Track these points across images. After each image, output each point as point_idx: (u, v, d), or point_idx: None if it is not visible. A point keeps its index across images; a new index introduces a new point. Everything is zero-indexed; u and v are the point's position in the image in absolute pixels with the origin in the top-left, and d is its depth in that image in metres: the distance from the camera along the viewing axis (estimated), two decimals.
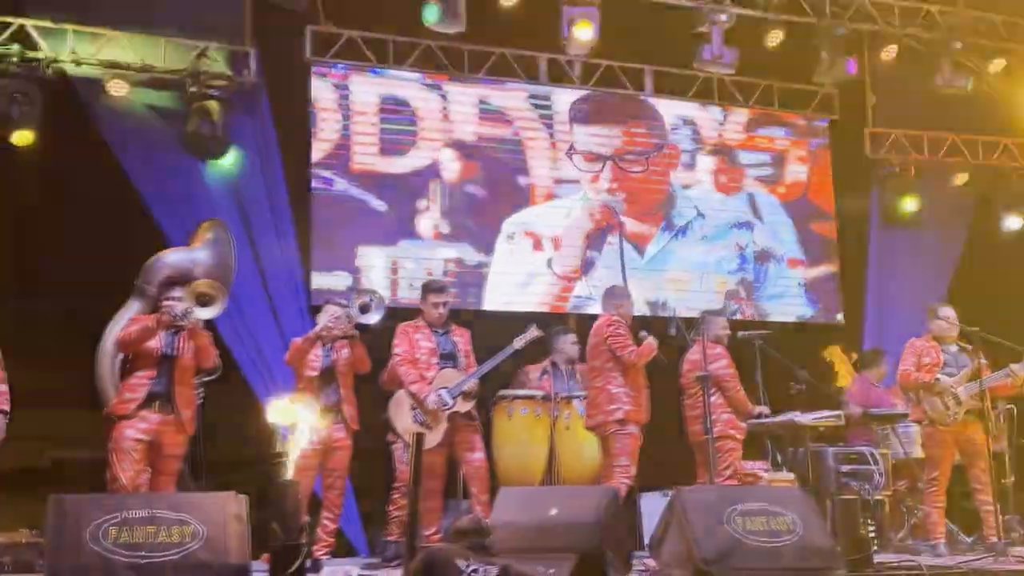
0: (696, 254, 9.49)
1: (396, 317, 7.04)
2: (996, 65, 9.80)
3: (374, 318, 6.52)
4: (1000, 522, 6.69)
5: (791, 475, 6.91)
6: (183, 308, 5.90)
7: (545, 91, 9.32)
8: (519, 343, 6.80)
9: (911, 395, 7.18)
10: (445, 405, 6.46)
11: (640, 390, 6.78)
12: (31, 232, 7.55)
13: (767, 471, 6.99)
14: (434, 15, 8.23)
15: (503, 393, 7.34)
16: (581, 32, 8.62)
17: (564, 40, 8.78)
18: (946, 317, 7.06)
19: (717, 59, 9.03)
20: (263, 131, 8.30)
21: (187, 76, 8.02)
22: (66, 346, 7.32)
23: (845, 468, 7.08)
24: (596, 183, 9.34)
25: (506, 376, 7.60)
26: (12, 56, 7.53)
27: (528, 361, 7.77)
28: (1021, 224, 10.15)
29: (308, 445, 6.14)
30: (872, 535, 5.58)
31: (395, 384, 6.89)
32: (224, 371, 6.56)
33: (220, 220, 7.51)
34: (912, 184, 9.99)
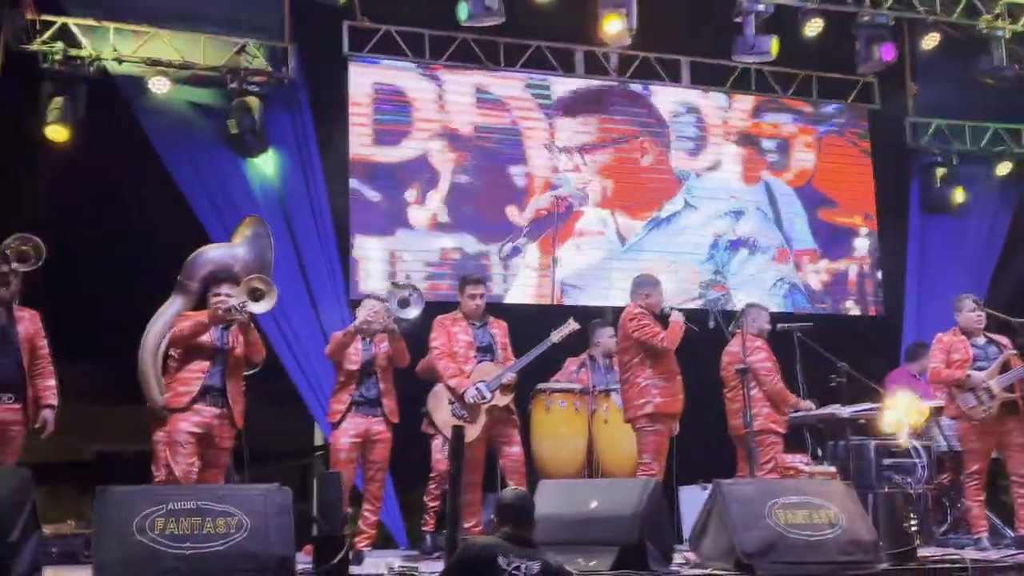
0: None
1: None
2: None
3: (413, 312, 6.54)
4: None
5: (832, 468, 6.85)
6: (239, 302, 5.94)
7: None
8: (556, 336, 6.79)
9: (944, 391, 7.10)
10: (484, 399, 6.48)
11: (672, 378, 6.62)
12: (73, 229, 7.65)
13: (808, 464, 6.93)
14: (464, 13, 8.25)
15: (541, 386, 7.34)
16: (610, 25, 8.58)
17: (602, 34, 8.77)
18: (971, 308, 6.97)
19: (753, 49, 8.95)
20: (302, 126, 8.37)
21: (227, 72, 8.10)
22: (108, 341, 7.41)
23: (887, 461, 7.01)
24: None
25: (544, 369, 7.60)
26: (55, 54, 7.64)
27: (567, 354, 7.78)
28: None
29: (348, 439, 6.23)
30: (915, 529, 5.51)
31: (431, 374, 6.93)
32: (265, 365, 6.61)
33: (259, 217, 7.57)
34: (954, 174, 9.88)
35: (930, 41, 9.63)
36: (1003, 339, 6.97)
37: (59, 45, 7.68)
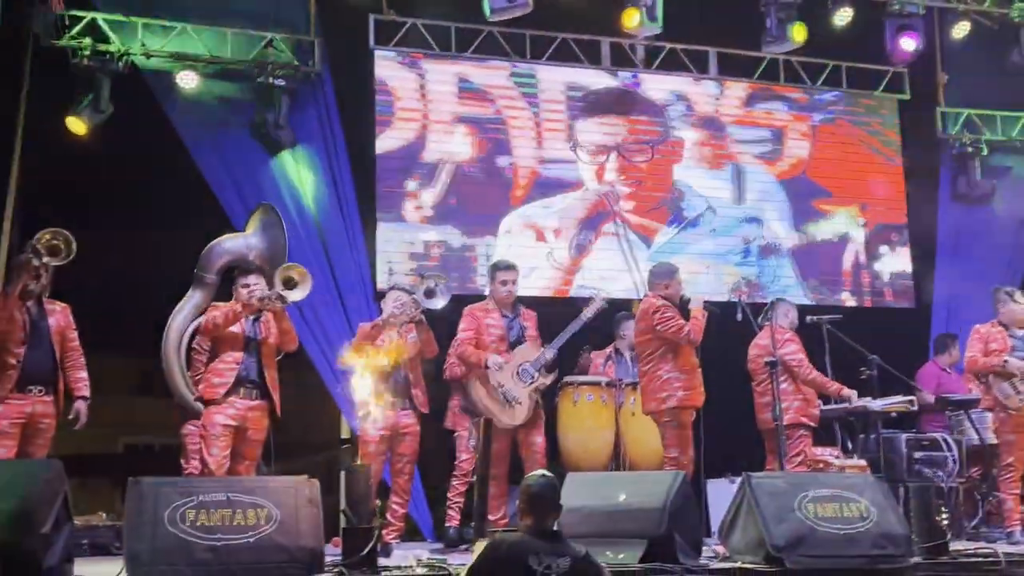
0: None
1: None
2: None
3: (440, 303, 6.54)
4: None
5: (862, 461, 6.79)
6: (276, 293, 5.95)
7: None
8: (589, 313, 6.75)
9: (981, 381, 7.03)
10: (531, 379, 6.43)
11: (693, 371, 6.52)
12: (103, 223, 7.70)
13: (838, 457, 6.88)
14: (488, 9, 8.23)
15: (568, 379, 7.32)
16: (631, 19, 8.56)
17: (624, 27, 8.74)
18: (1014, 301, 6.89)
19: (776, 39, 8.88)
20: (328, 119, 8.39)
21: (254, 67, 8.13)
22: (138, 335, 7.47)
23: (918, 454, 6.96)
24: (602, 174, 9.16)
25: (570, 363, 7.59)
26: (84, 49, 7.69)
27: (592, 348, 7.76)
28: None
29: (376, 431, 6.24)
30: (946, 522, 5.46)
31: (457, 369, 6.94)
32: (292, 357, 6.63)
33: (270, 204, 7.60)
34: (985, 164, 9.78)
35: (961, 30, 9.55)
36: None
37: (88, 40, 7.74)
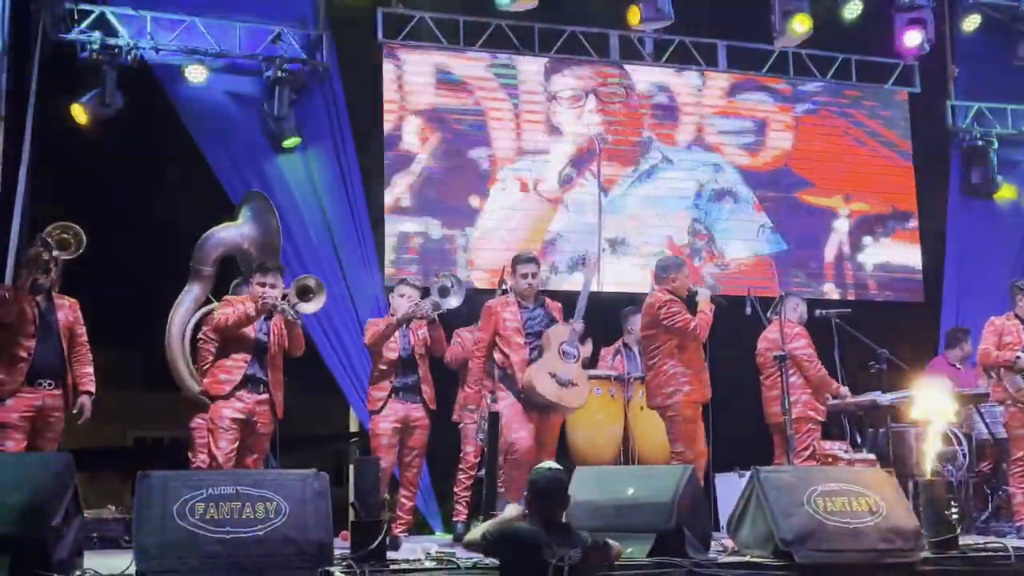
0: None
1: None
2: None
3: (455, 301, 6.53)
4: None
5: (871, 455, 6.78)
6: (290, 302, 5.94)
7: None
8: (589, 274, 6.70)
9: (992, 374, 7.01)
10: (575, 356, 6.39)
11: (699, 366, 6.48)
12: (111, 216, 7.73)
13: (847, 451, 6.87)
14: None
15: None
16: (631, 17, 8.62)
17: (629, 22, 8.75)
18: None
19: (781, 33, 8.86)
20: (337, 112, 8.39)
21: (262, 60, 8.13)
22: (146, 328, 7.48)
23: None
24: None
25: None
26: (93, 43, 7.69)
27: (601, 342, 7.75)
28: None
29: (388, 424, 6.25)
30: (956, 517, 5.44)
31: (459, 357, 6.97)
32: (306, 357, 6.63)
33: (259, 192, 7.61)
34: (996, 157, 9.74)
35: (971, 23, 9.51)
36: None
37: (96, 34, 7.74)
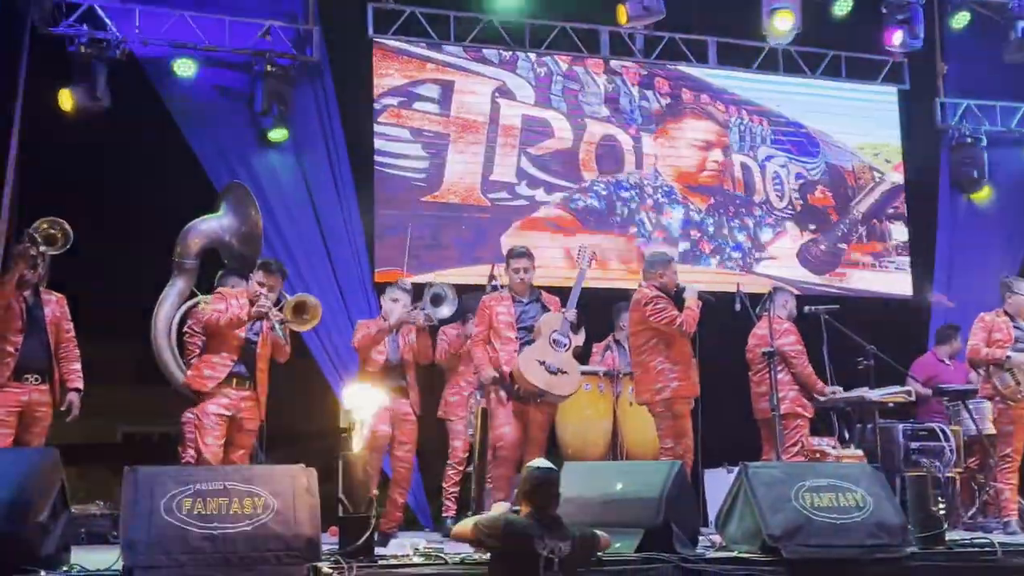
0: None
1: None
2: None
3: (447, 311, 6.54)
4: None
5: (859, 451, 6.80)
6: (281, 324, 5.92)
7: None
8: (584, 264, 6.66)
9: (981, 371, 7.03)
10: (567, 344, 6.37)
11: (687, 361, 6.47)
12: (100, 211, 7.70)
13: (835, 447, 6.89)
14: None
15: None
16: (619, 15, 8.67)
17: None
18: (1021, 291, 6.89)
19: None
20: (327, 108, 8.38)
21: (252, 55, 8.11)
22: (135, 323, 7.45)
23: (915, 444, 6.98)
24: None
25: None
26: (81, 37, 7.66)
27: (592, 339, 7.75)
28: None
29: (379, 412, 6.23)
30: (943, 512, 5.47)
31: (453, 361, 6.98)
32: (292, 344, 6.62)
33: (238, 182, 7.59)
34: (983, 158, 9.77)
35: (960, 20, 9.53)
36: None
37: (85, 28, 7.71)
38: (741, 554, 4.94)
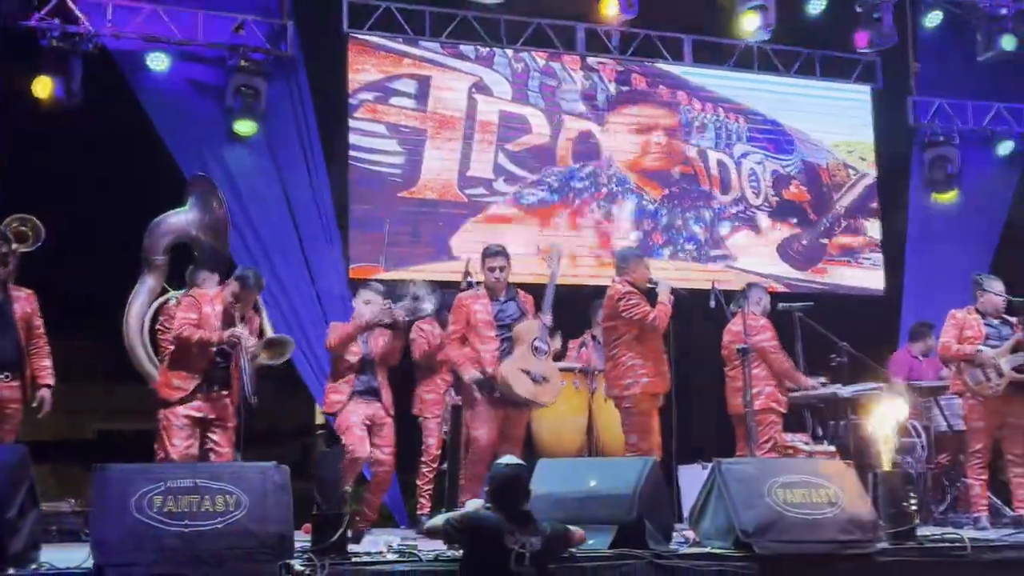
0: None
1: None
2: None
3: (428, 307, 6.53)
4: None
5: (832, 448, 6.84)
6: (251, 358, 5.90)
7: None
8: (555, 266, 6.65)
9: (952, 367, 7.09)
10: (546, 351, 6.38)
11: (658, 357, 6.49)
12: (71, 206, 7.63)
13: (808, 444, 6.93)
14: None
15: None
16: (609, 8, 8.67)
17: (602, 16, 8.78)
18: (992, 289, 6.95)
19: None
20: (301, 103, 8.33)
21: (226, 49, 8.06)
22: (110, 320, 7.40)
23: None
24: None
25: None
26: (53, 30, 7.59)
27: (568, 335, 7.76)
28: None
29: (357, 417, 6.21)
30: (914, 508, 5.51)
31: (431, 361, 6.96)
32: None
33: (203, 175, 7.55)
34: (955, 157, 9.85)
35: (933, 19, 9.60)
36: (1016, 320, 6.93)
37: (57, 22, 7.63)
38: (714, 550, 4.96)
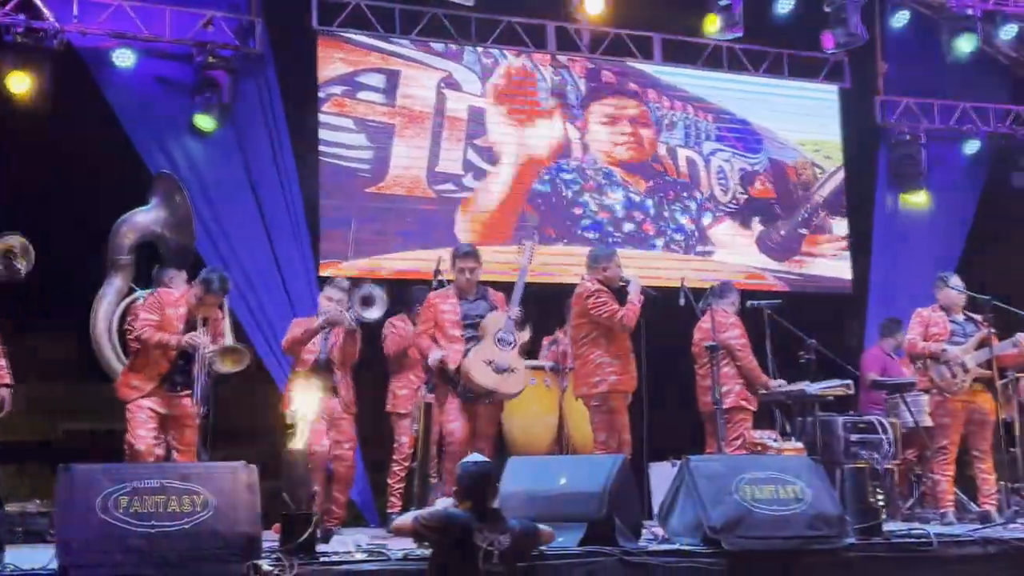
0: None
1: None
2: (1008, 31, 9.72)
3: (376, 313, 6.50)
4: (1006, 491, 6.70)
5: (800, 444, 6.89)
6: (209, 364, 5.87)
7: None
8: (525, 260, 6.64)
9: (919, 364, 7.15)
10: (512, 343, 6.36)
11: (626, 356, 6.52)
12: (37, 204, 7.55)
13: (776, 440, 6.97)
14: None
15: None
16: (592, 5, 8.71)
17: (571, 11, 8.77)
18: (955, 287, 7.02)
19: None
20: (270, 100, 8.27)
21: (193, 46, 8.00)
22: (78, 319, 7.33)
23: (854, 437, 7.08)
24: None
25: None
26: (17, 26, 7.49)
27: (541, 332, 7.76)
28: None
29: (316, 418, 6.16)
30: (881, 504, 5.56)
31: (402, 355, 6.90)
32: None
33: (167, 173, 7.49)
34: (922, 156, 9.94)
35: (900, 19, 9.68)
36: (981, 317, 7.00)
37: (22, 18, 7.54)
38: (683, 547, 4.99)
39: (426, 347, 6.38)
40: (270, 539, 4.73)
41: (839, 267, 9.98)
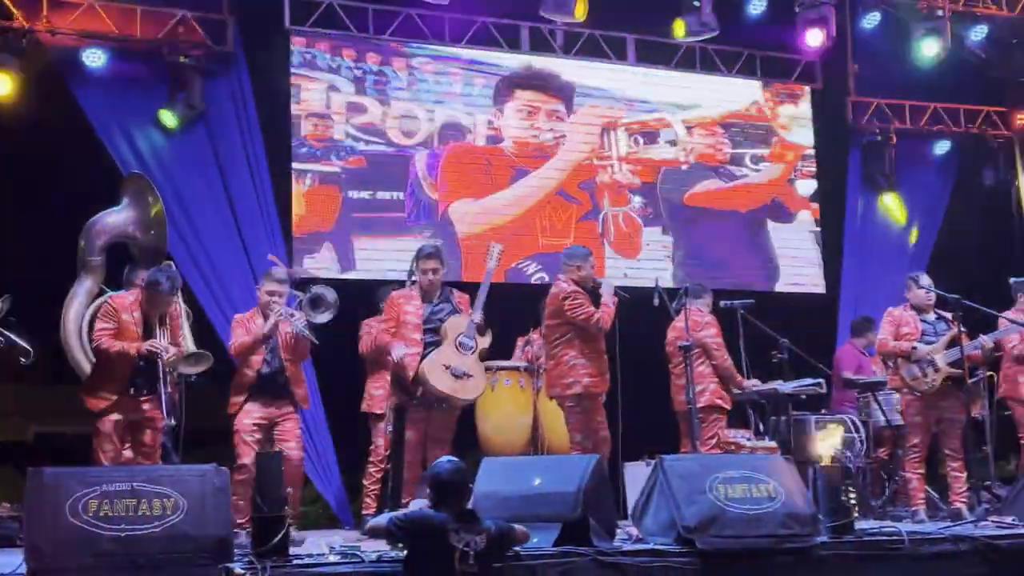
0: None
1: None
2: (978, 32, 9.82)
3: (326, 316, 6.44)
4: (976, 489, 6.76)
5: (773, 443, 6.92)
6: (173, 369, 5.84)
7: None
8: (491, 263, 6.64)
9: (889, 363, 7.20)
10: (472, 348, 6.34)
11: (599, 357, 6.53)
12: (7, 204, 7.49)
13: (750, 440, 7.01)
14: None
15: (486, 364, 7.29)
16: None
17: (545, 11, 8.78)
18: (925, 286, 7.07)
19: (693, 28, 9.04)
20: (243, 99, 8.22)
21: (164, 45, 7.94)
22: (49, 321, 7.26)
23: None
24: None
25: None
26: None
27: (516, 332, 7.76)
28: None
29: (250, 420, 6.04)
30: (853, 502, 5.60)
31: (378, 354, 6.85)
32: (204, 343, 6.50)
33: (138, 173, 7.44)
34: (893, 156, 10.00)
35: (871, 20, 9.75)
36: (951, 316, 7.05)
37: None
38: (657, 546, 5.00)
39: (387, 342, 6.32)
40: (241, 542, 4.69)
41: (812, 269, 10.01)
